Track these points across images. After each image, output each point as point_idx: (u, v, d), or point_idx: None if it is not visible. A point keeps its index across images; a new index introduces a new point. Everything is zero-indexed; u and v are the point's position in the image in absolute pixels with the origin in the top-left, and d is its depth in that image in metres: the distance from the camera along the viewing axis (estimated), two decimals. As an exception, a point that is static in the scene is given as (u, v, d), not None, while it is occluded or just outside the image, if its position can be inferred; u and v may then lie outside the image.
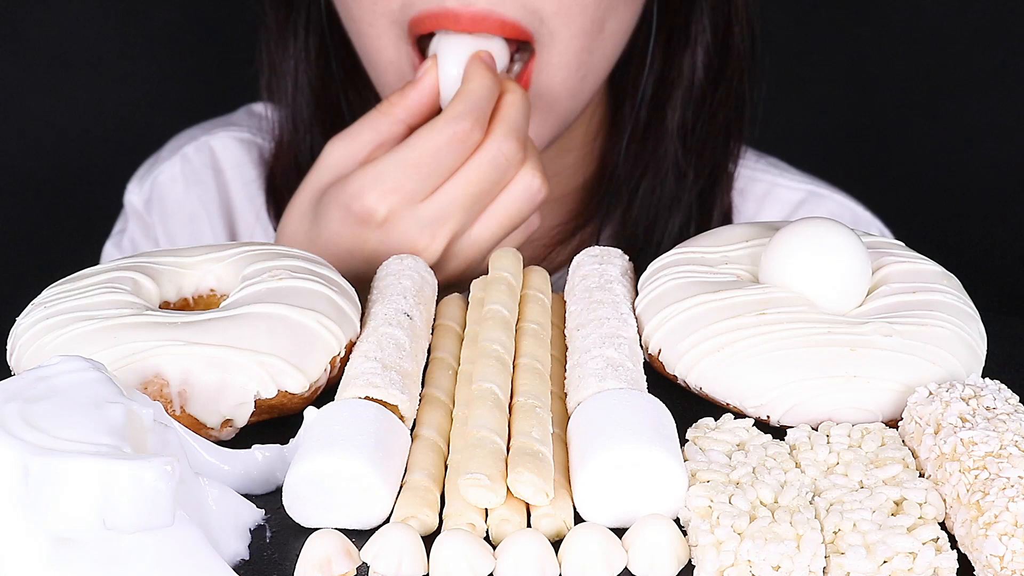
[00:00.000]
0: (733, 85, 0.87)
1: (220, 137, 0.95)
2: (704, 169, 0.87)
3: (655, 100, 0.87)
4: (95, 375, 0.47)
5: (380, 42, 0.78)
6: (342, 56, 0.87)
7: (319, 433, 0.50)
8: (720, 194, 0.88)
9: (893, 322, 0.56)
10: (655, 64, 0.86)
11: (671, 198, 0.86)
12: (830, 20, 1.30)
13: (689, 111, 0.86)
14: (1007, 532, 0.44)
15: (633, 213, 0.87)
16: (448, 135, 0.69)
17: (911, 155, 1.33)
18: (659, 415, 0.51)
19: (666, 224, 0.86)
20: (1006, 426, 0.49)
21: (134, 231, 0.95)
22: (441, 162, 0.70)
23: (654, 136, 0.86)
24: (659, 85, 0.87)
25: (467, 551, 0.45)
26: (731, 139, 0.88)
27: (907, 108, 1.32)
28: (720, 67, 0.86)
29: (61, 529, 0.42)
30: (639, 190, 0.86)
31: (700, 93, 0.86)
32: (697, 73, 0.85)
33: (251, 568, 0.47)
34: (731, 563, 0.44)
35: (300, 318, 0.56)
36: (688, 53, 0.85)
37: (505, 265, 0.65)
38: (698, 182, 0.87)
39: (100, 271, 0.60)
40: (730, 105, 0.87)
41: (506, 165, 0.70)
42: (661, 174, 0.86)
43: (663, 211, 0.86)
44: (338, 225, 0.71)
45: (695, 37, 0.85)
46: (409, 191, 0.69)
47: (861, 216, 0.95)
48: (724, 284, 0.59)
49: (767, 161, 0.95)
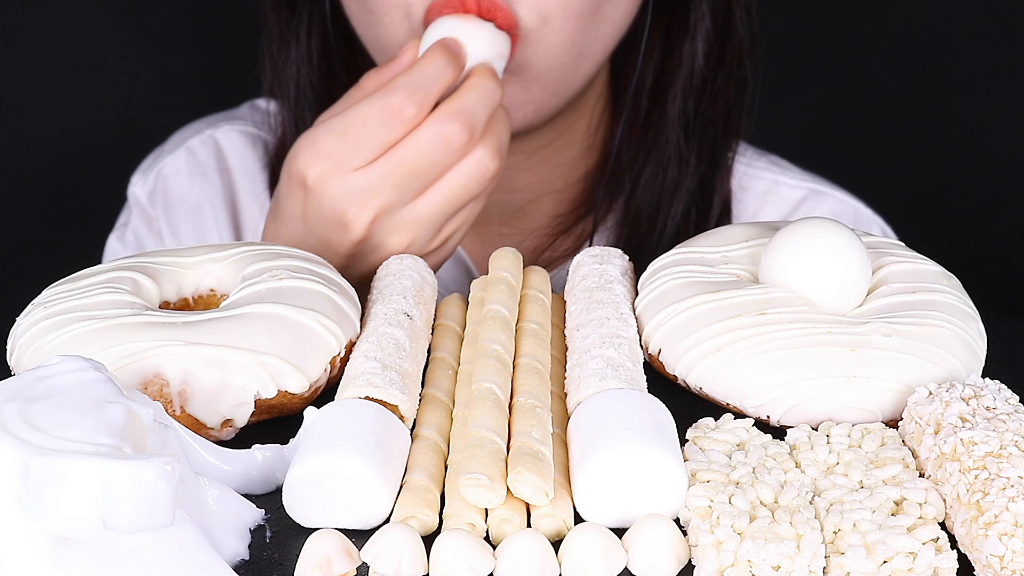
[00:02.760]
0: (733, 71, 0.87)
1: (225, 131, 0.95)
2: (705, 155, 0.87)
3: (656, 88, 0.87)
4: (95, 375, 0.47)
5: (391, 29, 0.78)
6: (345, 59, 0.87)
7: (319, 433, 0.50)
8: (720, 181, 0.88)
9: (893, 322, 0.56)
10: (655, 52, 0.86)
11: (673, 184, 0.86)
12: (830, 19, 1.30)
13: (690, 98, 0.86)
14: (1007, 532, 0.44)
15: (636, 201, 0.87)
16: (379, 107, 0.69)
17: (911, 155, 1.33)
18: (659, 415, 0.51)
19: (668, 211, 0.86)
20: (1006, 426, 0.49)
21: (137, 224, 0.95)
22: (372, 134, 0.69)
23: (655, 124, 0.86)
24: (659, 73, 0.87)
25: (467, 551, 0.45)
26: (731, 125, 0.88)
27: (907, 108, 1.32)
28: (720, 54, 0.86)
29: (61, 529, 0.42)
30: (641, 177, 0.86)
31: (701, 80, 0.86)
32: (697, 60, 0.85)
33: (251, 568, 0.47)
34: (731, 563, 0.44)
35: (300, 318, 0.56)
36: (688, 40, 0.85)
37: (505, 265, 0.65)
38: (699, 168, 0.87)
39: (100, 271, 0.60)
40: (730, 91, 0.87)
41: (447, 146, 0.70)
42: (663, 161, 0.86)
43: (666, 198, 0.86)
44: (284, 189, 0.72)
45: (695, 24, 0.85)
46: (337, 158, 0.70)
47: (863, 214, 0.95)
48: (724, 284, 0.59)
49: (768, 159, 0.95)
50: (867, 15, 1.30)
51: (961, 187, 1.33)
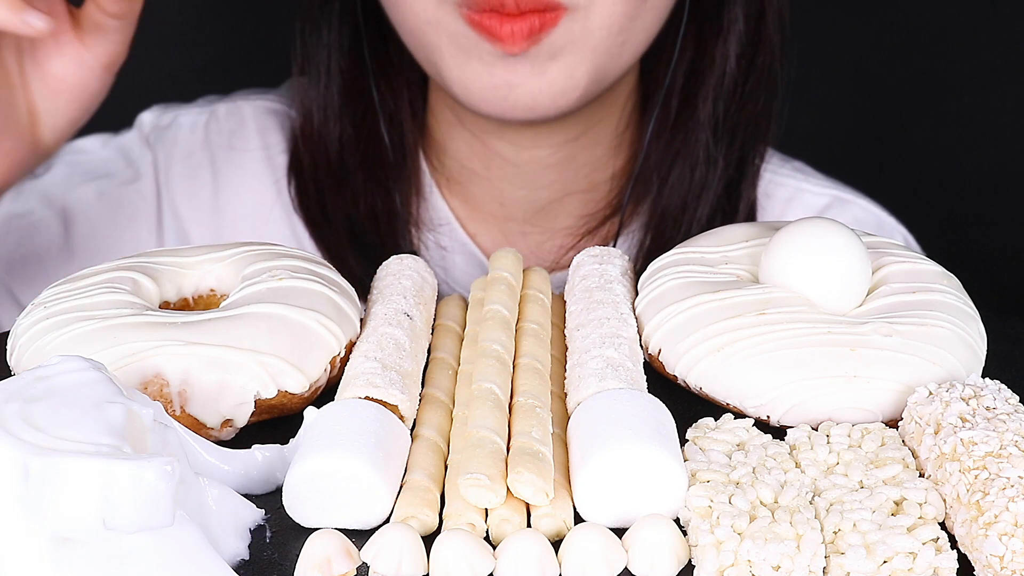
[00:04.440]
0: (764, 75, 0.86)
1: (254, 103, 0.94)
2: (733, 158, 0.87)
3: (686, 90, 0.86)
4: (95, 375, 0.47)
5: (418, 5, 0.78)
6: (375, 47, 0.87)
7: (319, 433, 0.50)
8: (748, 186, 0.88)
9: (893, 322, 0.56)
10: (686, 53, 0.86)
11: (700, 186, 0.86)
12: (831, 19, 1.30)
13: (721, 100, 0.86)
14: (1007, 532, 0.44)
15: (662, 202, 0.86)
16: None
17: (911, 155, 1.33)
18: (659, 415, 0.51)
19: (694, 213, 0.86)
20: (1006, 426, 0.49)
21: (130, 143, 0.93)
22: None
23: (685, 125, 0.86)
24: (690, 75, 0.86)
25: (467, 551, 0.45)
26: (761, 129, 0.88)
27: (907, 108, 1.32)
28: (752, 57, 0.86)
29: (61, 529, 0.42)
30: (669, 179, 0.86)
31: (732, 83, 0.86)
32: (729, 63, 0.85)
33: (251, 568, 0.47)
34: (731, 563, 0.44)
35: (300, 318, 0.56)
36: (720, 42, 0.85)
37: (505, 265, 0.65)
38: (727, 171, 0.87)
39: (100, 271, 0.60)
40: (760, 95, 0.87)
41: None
42: (692, 162, 0.86)
43: (692, 199, 0.86)
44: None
45: (728, 26, 0.85)
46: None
47: (885, 222, 0.95)
48: (724, 284, 0.59)
49: (792, 166, 0.95)
50: (868, 15, 1.30)
51: (961, 187, 1.33)
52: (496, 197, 0.89)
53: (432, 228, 0.88)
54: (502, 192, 0.89)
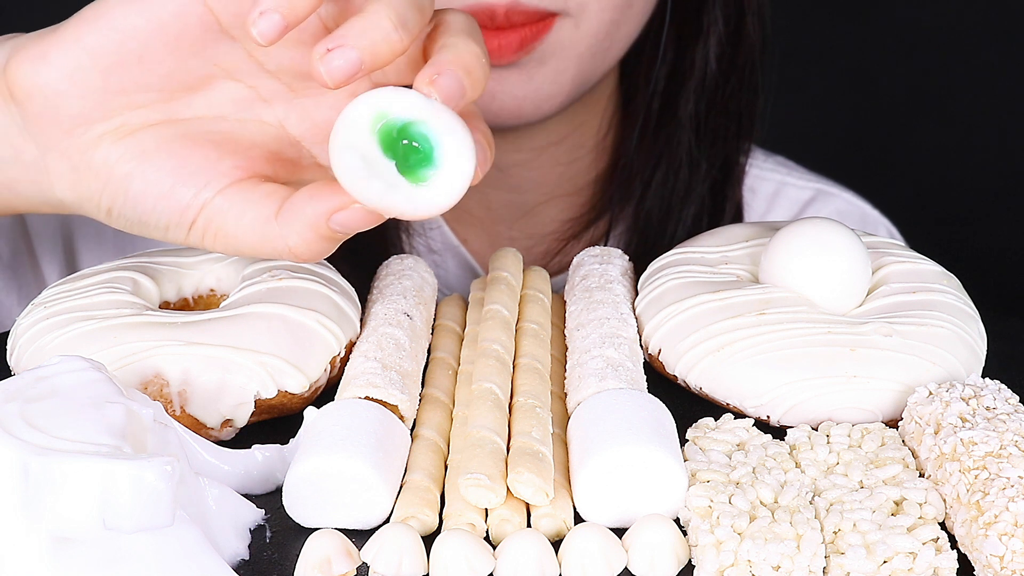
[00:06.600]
0: (745, 76, 0.86)
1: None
2: (717, 159, 0.87)
3: (667, 92, 0.86)
4: (95, 375, 0.47)
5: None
6: None
7: (319, 433, 0.50)
8: (733, 186, 0.88)
9: (893, 322, 0.56)
10: (667, 55, 0.86)
11: (685, 189, 0.86)
12: (831, 20, 1.30)
13: (702, 102, 0.86)
14: (1007, 532, 0.44)
15: (646, 205, 0.86)
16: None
17: (911, 155, 1.33)
18: (659, 415, 0.51)
19: (679, 215, 0.86)
20: (1006, 426, 0.49)
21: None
22: None
23: (667, 128, 0.86)
24: (671, 77, 0.86)
25: (467, 551, 0.45)
26: (743, 129, 0.88)
27: (907, 108, 1.32)
28: (732, 58, 0.86)
29: (61, 529, 0.42)
30: (652, 182, 0.86)
31: (713, 84, 0.86)
32: (710, 65, 0.85)
33: (251, 568, 0.47)
34: (731, 563, 0.44)
35: (300, 318, 0.56)
36: (700, 44, 0.85)
37: (505, 265, 0.65)
38: (711, 173, 0.87)
39: (100, 271, 0.60)
40: (742, 95, 0.87)
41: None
42: (675, 165, 0.86)
43: (676, 202, 0.86)
44: None
45: (707, 28, 0.85)
46: None
47: (869, 215, 0.95)
48: (724, 284, 0.59)
49: (775, 160, 0.95)
50: (868, 15, 1.30)
51: (961, 187, 1.33)
52: (482, 201, 0.89)
53: (422, 232, 0.88)
54: (488, 196, 0.89)
